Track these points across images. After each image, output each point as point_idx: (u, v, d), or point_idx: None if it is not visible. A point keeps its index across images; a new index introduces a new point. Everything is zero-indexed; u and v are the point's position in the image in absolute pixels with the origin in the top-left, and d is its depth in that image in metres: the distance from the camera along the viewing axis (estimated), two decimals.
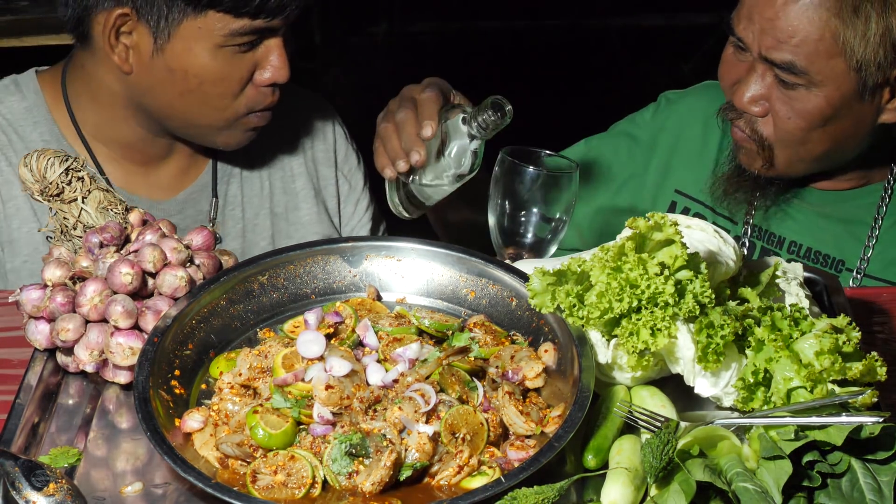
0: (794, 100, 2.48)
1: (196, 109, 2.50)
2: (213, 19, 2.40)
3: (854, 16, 2.40)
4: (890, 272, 2.67)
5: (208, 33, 2.41)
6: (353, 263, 2.17)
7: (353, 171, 2.87)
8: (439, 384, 1.90)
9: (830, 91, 2.46)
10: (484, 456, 1.84)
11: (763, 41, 2.47)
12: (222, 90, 2.47)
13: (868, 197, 2.70)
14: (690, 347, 1.90)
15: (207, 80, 2.45)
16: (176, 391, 1.94)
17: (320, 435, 1.84)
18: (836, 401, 1.82)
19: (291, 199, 2.77)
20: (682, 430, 1.83)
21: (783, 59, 2.44)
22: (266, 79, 2.48)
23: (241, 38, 2.42)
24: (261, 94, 2.51)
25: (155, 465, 1.86)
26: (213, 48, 2.42)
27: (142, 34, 2.43)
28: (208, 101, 2.48)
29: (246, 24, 2.41)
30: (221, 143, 2.57)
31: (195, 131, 2.56)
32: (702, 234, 2.04)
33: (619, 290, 1.88)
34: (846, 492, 1.75)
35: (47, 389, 2.02)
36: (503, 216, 2.33)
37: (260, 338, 2.09)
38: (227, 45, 2.43)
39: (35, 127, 2.58)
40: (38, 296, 2.05)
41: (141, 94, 2.50)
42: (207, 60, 2.43)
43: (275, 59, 2.47)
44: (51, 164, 2.12)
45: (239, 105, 2.50)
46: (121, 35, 2.43)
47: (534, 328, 2.05)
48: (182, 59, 2.43)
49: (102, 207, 2.14)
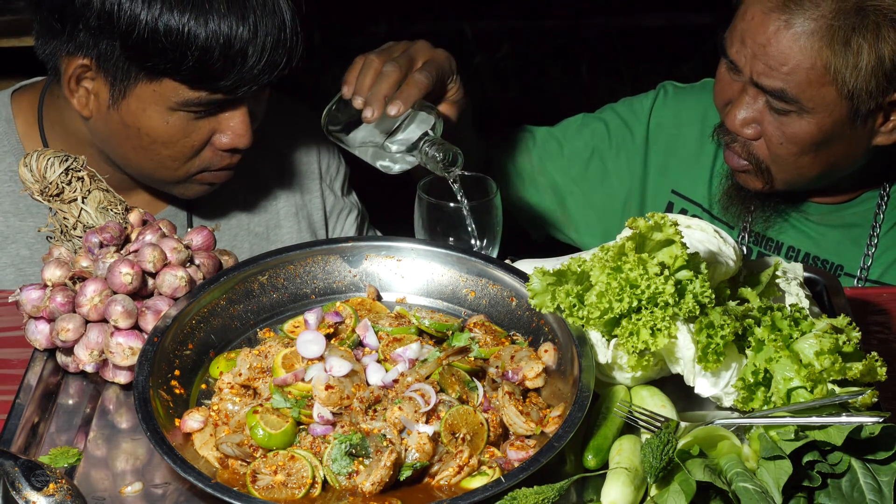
0: (785, 125, 2.47)
1: (148, 165, 2.44)
2: (169, 86, 2.34)
3: (846, 47, 2.37)
4: (890, 275, 2.67)
5: (163, 98, 2.35)
6: (353, 263, 2.17)
7: (335, 178, 2.81)
8: (439, 384, 1.90)
9: (822, 118, 2.45)
10: (484, 456, 1.84)
11: (755, 66, 2.45)
12: (174, 152, 2.41)
13: (865, 204, 2.69)
14: (690, 347, 1.90)
15: (160, 141, 2.39)
16: (176, 391, 1.94)
17: (320, 435, 1.84)
18: (836, 401, 1.82)
19: (272, 218, 2.71)
20: (682, 430, 1.83)
21: (774, 86, 2.43)
22: (225, 143, 2.41)
23: (196, 107, 2.36)
24: (217, 155, 2.44)
25: (155, 465, 1.86)
26: (166, 111, 2.36)
27: (100, 85, 2.38)
28: (161, 160, 2.42)
29: (202, 95, 2.34)
30: (178, 193, 2.52)
31: (150, 182, 2.52)
32: (702, 234, 2.04)
33: (619, 290, 1.88)
34: (846, 492, 1.75)
35: (47, 389, 2.02)
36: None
37: (260, 338, 2.09)
38: (182, 110, 2.37)
39: (2, 157, 2.54)
40: (38, 296, 2.05)
41: (99, 141, 2.47)
42: (160, 123, 2.37)
43: (236, 126, 2.40)
44: (51, 164, 2.12)
45: (192, 165, 2.44)
46: (82, 80, 2.39)
47: (534, 328, 2.05)
48: (136, 117, 2.37)
49: (102, 207, 2.14)
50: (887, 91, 2.42)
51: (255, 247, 2.69)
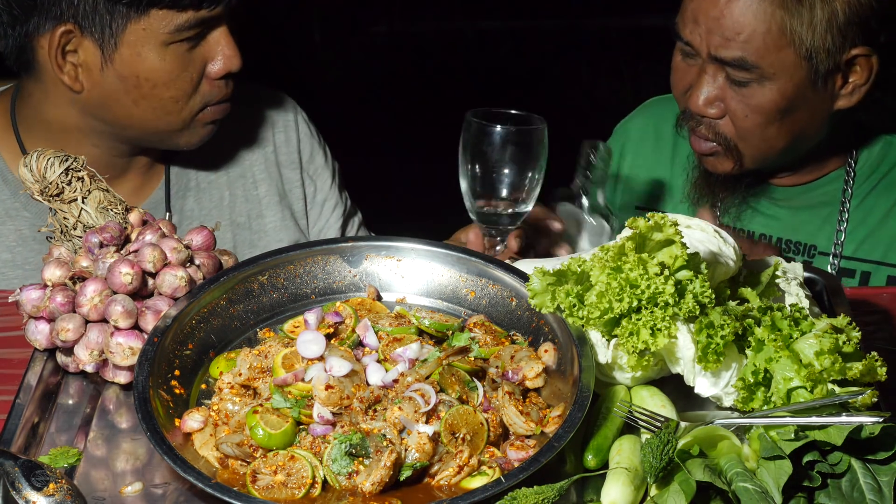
0: (748, 97, 2.49)
1: (152, 115, 2.47)
2: (157, 18, 2.38)
3: (798, 5, 2.41)
4: (864, 250, 2.70)
5: (153, 34, 2.39)
6: (353, 263, 2.17)
7: (320, 170, 2.83)
8: (439, 384, 1.90)
9: (783, 83, 2.47)
10: (484, 456, 1.84)
11: (711, 41, 2.47)
12: (175, 92, 2.45)
13: (832, 184, 2.73)
14: (690, 347, 1.90)
15: (160, 83, 2.43)
16: (176, 391, 1.94)
17: (320, 435, 1.84)
18: (836, 401, 1.82)
19: (254, 207, 2.74)
20: (682, 430, 1.83)
21: (733, 56, 2.45)
22: (218, 70, 2.47)
23: (186, 32, 2.41)
24: (215, 87, 2.49)
25: (155, 465, 1.86)
26: (160, 48, 2.41)
27: (88, 49, 2.41)
28: (163, 104, 2.46)
29: (190, 16, 2.39)
30: (183, 143, 2.55)
31: (155, 137, 2.54)
32: (702, 234, 2.04)
33: (619, 290, 1.88)
34: (846, 492, 1.75)
35: (47, 389, 2.02)
36: (474, 180, 2.31)
37: (260, 338, 2.09)
38: (173, 41, 2.41)
39: None
40: (38, 296, 2.05)
41: (95, 110, 2.48)
42: (157, 62, 2.41)
43: (224, 49, 2.46)
44: (50, 164, 2.12)
45: (194, 103, 2.48)
46: (67, 54, 2.41)
47: (534, 328, 2.05)
48: (132, 65, 2.41)
49: (102, 207, 2.14)
50: (843, 48, 2.45)
51: (237, 237, 2.70)
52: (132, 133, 2.52)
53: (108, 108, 2.47)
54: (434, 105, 5.55)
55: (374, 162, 4.97)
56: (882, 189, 2.72)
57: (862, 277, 2.69)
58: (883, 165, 2.73)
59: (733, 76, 2.48)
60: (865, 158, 2.73)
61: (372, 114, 5.50)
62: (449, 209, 2.61)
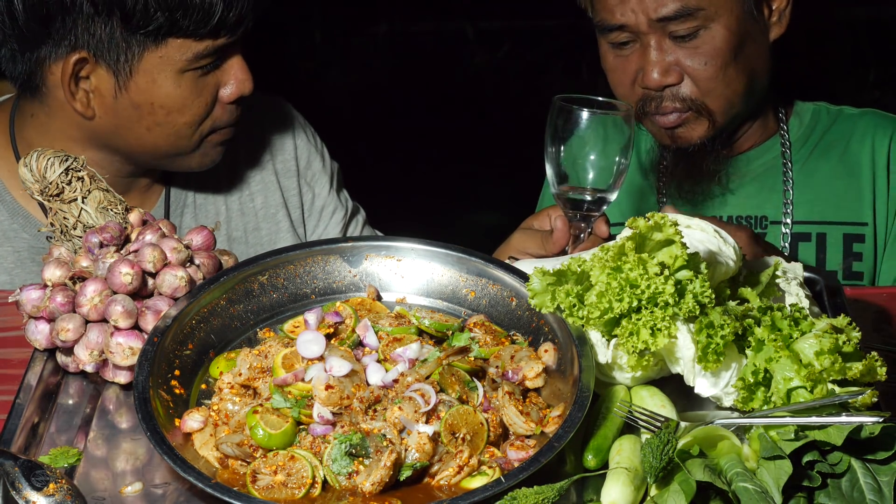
0: (699, 47, 2.56)
1: (164, 141, 2.47)
2: (174, 47, 2.37)
3: None
4: (816, 212, 2.74)
5: (170, 62, 2.38)
6: (353, 263, 2.17)
7: (317, 175, 2.82)
8: (439, 384, 1.90)
9: (727, 18, 2.55)
10: (484, 456, 1.84)
11: (647, 9, 2.53)
12: (189, 117, 2.45)
13: (770, 152, 2.80)
14: (690, 347, 1.90)
15: (175, 109, 2.43)
16: (176, 391, 1.94)
17: (320, 435, 1.84)
18: (836, 401, 1.82)
19: (250, 220, 2.73)
20: (682, 430, 1.83)
21: (674, 8, 2.52)
22: (231, 93, 2.47)
23: (203, 60, 2.40)
24: (226, 111, 2.49)
25: (155, 465, 1.86)
26: (176, 75, 2.40)
27: (101, 76, 2.40)
28: (177, 130, 2.46)
29: (208, 45, 2.39)
30: (196, 165, 2.55)
31: (166, 160, 2.54)
32: (702, 234, 2.04)
33: (619, 290, 1.88)
34: (846, 492, 1.75)
35: (47, 389, 2.02)
36: (560, 165, 2.32)
37: (260, 338, 2.09)
38: (189, 68, 2.40)
39: None
40: (38, 296, 2.04)
41: (106, 136, 2.47)
42: (172, 89, 2.41)
43: (238, 73, 2.46)
44: (51, 164, 2.12)
45: (205, 127, 2.48)
46: (80, 81, 2.40)
47: (534, 328, 2.05)
48: (147, 92, 2.40)
49: (102, 207, 2.14)
50: None
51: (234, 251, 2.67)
52: (142, 158, 2.52)
53: (120, 135, 2.46)
54: (434, 105, 5.56)
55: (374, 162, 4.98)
56: (820, 153, 2.80)
57: (818, 239, 2.75)
58: (815, 132, 2.82)
59: (679, 32, 2.54)
60: (797, 126, 2.82)
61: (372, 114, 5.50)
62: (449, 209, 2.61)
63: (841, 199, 2.77)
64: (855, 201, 2.76)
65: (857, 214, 2.76)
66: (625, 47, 2.59)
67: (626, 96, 2.64)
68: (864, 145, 2.79)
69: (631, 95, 2.63)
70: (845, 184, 2.77)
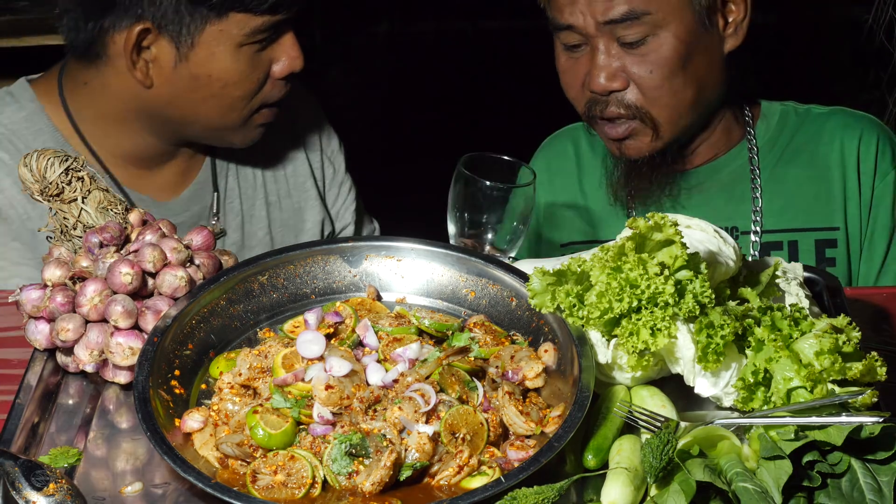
0: (647, 55, 2.53)
1: (216, 112, 2.55)
2: (234, 21, 2.46)
3: None
4: (786, 220, 2.72)
5: (229, 35, 2.46)
6: (353, 263, 2.17)
7: (335, 153, 2.93)
8: (439, 384, 1.90)
9: (676, 27, 2.52)
10: (484, 456, 1.84)
11: (595, 11, 2.51)
12: (243, 91, 2.53)
13: (737, 159, 2.76)
14: (690, 347, 1.90)
15: (230, 82, 2.51)
16: (176, 391, 1.94)
17: (320, 435, 1.84)
18: (836, 401, 1.82)
19: (282, 187, 2.83)
20: (682, 430, 1.83)
21: (621, 11, 2.50)
22: (282, 69, 2.55)
23: (260, 34, 2.48)
24: (276, 87, 2.57)
25: (155, 465, 1.86)
26: (234, 49, 2.48)
27: (163, 47, 2.47)
28: (231, 103, 2.54)
29: (266, 20, 2.47)
30: (238, 141, 2.63)
31: (213, 134, 2.62)
32: (702, 234, 2.04)
33: (619, 290, 1.88)
34: (846, 492, 1.75)
35: (47, 389, 2.02)
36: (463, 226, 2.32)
37: (260, 338, 2.09)
38: (246, 43, 2.48)
39: (37, 136, 2.59)
40: (38, 296, 2.04)
41: (161, 106, 2.54)
42: (229, 62, 2.49)
43: (290, 50, 2.55)
44: (50, 164, 2.12)
45: (255, 102, 2.56)
46: (141, 51, 2.47)
47: (534, 328, 2.05)
48: (206, 64, 2.48)
49: (102, 207, 2.14)
50: None
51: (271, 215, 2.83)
52: (190, 130, 2.60)
53: (174, 105, 2.54)
54: (434, 104, 5.55)
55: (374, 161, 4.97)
56: (788, 157, 2.77)
57: (790, 247, 2.72)
58: (784, 135, 2.78)
59: (627, 38, 2.52)
60: (764, 130, 2.78)
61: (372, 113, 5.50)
62: None
63: (811, 205, 2.73)
64: (825, 205, 2.73)
65: (829, 219, 2.72)
66: (577, 50, 2.59)
67: (577, 98, 2.64)
68: (832, 147, 2.75)
69: (581, 97, 2.63)
70: (815, 188, 2.73)
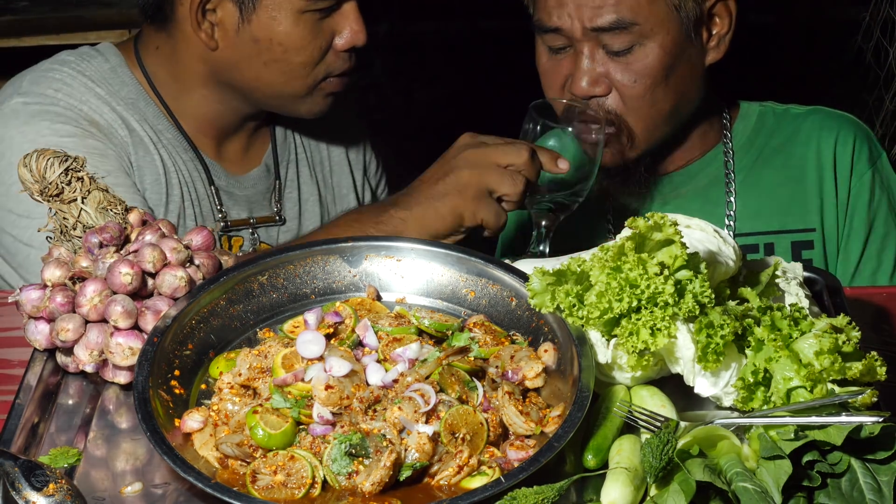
0: (632, 64, 2.53)
1: (280, 78, 2.60)
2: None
3: None
4: (761, 222, 2.73)
5: (290, 1, 2.52)
6: (352, 263, 2.17)
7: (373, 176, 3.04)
8: (439, 384, 1.90)
9: (663, 38, 2.52)
10: (484, 456, 1.84)
11: (582, 15, 2.51)
12: (304, 58, 2.58)
13: (713, 163, 2.76)
14: (690, 347, 1.90)
15: (292, 48, 2.56)
16: (176, 391, 1.94)
17: (320, 435, 1.84)
18: (836, 401, 1.82)
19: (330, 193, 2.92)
20: (681, 430, 1.83)
21: (609, 20, 2.49)
22: (345, 42, 2.60)
23: (321, 2, 2.54)
24: (340, 59, 2.62)
25: (155, 465, 1.86)
26: (295, 15, 2.53)
27: (227, 9, 2.53)
28: (292, 69, 2.58)
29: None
30: (305, 111, 2.69)
31: (278, 101, 2.67)
32: (702, 233, 2.04)
33: (618, 290, 1.88)
34: (846, 492, 1.75)
35: (47, 389, 2.02)
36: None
37: (260, 338, 2.09)
38: (308, 9, 2.53)
39: (122, 86, 2.67)
40: (38, 296, 2.04)
41: (226, 70, 2.61)
42: (290, 27, 2.54)
43: (353, 23, 2.59)
44: (50, 165, 2.12)
45: (318, 71, 2.61)
46: (206, 13, 2.53)
47: (533, 328, 2.05)
48: (267, 28, 2.53)
49: (102, 207, 2.14)
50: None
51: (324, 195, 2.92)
52: (257, 95, 2.65)
53: (239, 69, 2.60)
54: (433, 104, 5.56)
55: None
56: (765, 160, 2.77)
57: (766, 250, 2.73)
58: (760, 137, 2.78)
59: (613, 46, 2.52)
60: (742, 131, 2.78)
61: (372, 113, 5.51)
62: None
63: (787, 207, 2.73)
64: (801, 207, 2.73)
65: (805, 221, 2.73)
66: (560, 52, 2.59)
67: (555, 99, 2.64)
68: (808, 148, 2.75)
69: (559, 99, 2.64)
70: (790, 190, 2.74)
